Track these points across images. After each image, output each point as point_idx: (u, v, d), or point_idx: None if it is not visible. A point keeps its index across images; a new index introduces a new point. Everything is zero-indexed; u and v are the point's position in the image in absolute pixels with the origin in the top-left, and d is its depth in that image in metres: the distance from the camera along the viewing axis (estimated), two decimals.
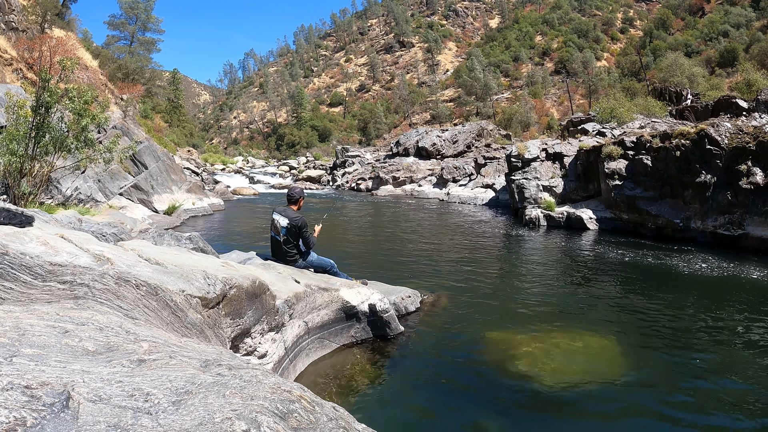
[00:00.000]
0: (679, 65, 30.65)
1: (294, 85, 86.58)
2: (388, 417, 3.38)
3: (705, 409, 3.55)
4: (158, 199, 14.04)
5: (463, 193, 21.10)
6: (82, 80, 14.16)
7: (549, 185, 14.18)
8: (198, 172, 22.86)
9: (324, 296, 4.54)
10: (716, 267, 8.31)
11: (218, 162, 38.69)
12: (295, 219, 5.00)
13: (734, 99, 15.65)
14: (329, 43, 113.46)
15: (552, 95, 56.04)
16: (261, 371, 1.59)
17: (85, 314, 1.87)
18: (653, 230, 11.47)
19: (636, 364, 4.30)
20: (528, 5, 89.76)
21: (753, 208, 9.81)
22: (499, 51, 70.96)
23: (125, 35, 40.78)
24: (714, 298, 6.63)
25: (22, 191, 7.45)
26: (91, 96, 7.86)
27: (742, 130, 10.45)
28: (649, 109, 18.81)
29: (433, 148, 27.44)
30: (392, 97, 72.41)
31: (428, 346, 4.62)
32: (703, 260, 8.81)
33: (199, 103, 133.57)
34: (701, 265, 8.46)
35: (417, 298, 5.72)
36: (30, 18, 17.45)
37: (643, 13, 77.67)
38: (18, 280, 2.06)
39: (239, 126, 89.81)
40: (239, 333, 3.16)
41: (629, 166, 12.12)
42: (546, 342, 4.66)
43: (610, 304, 6.27)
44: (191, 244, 5.98)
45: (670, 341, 4.93)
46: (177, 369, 1.41)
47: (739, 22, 50.71)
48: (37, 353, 1.31)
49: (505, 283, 7.32)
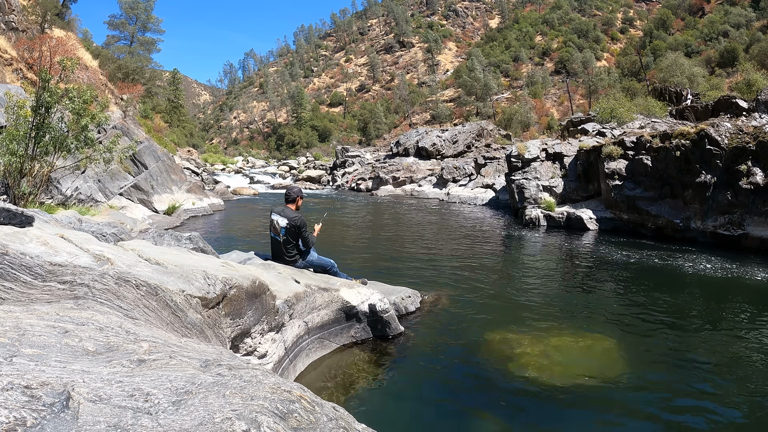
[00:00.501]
0: (679, 65, 30.65)
1: (294, 85, 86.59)
2: (388, 417, 3.38)
3: (705, 410, 3.55)
4: (158, 199, 14.04)
5: (463, 193, 21.10)
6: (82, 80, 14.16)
7: (549, 185, 14.18)
8: (198, 172, 22.87)
9: (324, 296, 4.54)
10: (716, 267, 8.31)
11: (218, 162, 38.71)
12: (294, 219, 5.00)
13: (734, 99, 15.66)
14: (329, 43, 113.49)
15: (552, 95, 56.04)
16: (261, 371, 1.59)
17: (85, 314, 1.87)
18: (653, 230, 11.47)
19: (636, 365, 4.30)
20: (528, 5, 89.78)
21: (753, 208, 9.81)
22: (499, 51, 70.99)
23: (125, 35, 40.82)
24: (714, 299, 6.63)
25: (22, 191, 7.45)
26: (91, 96, 7.85)
27: (742, 130, 10.46)
28: (649, 109, 18.83)
29: (433, 148, 27.44)
30: (392, 97, 72.42)
31: (428, 346, 4.62)
32: (703, 260, 8.81)
33: (199, 103, 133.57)
34: (701, 265, 8.46)
35: (417, 298, 5.71)
36: (30, 18, 17.45)
37: (643, 13, 77.70)
38: (18, 280, 2.06)
39: (239, 126, 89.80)
40: (239, 333, 3.16)
41: (629, 166, 12.12)
42: (546, 342, 4.66)
43: (610, 305, 6.27)
44: (191, 244, 5.98)
45: (670, 341, 4.93)
46: (177, 369, 1.41)
47: (739, 22, 50.74)
48: (37, 353, 1.31)
49: (505, 283, 7.32)
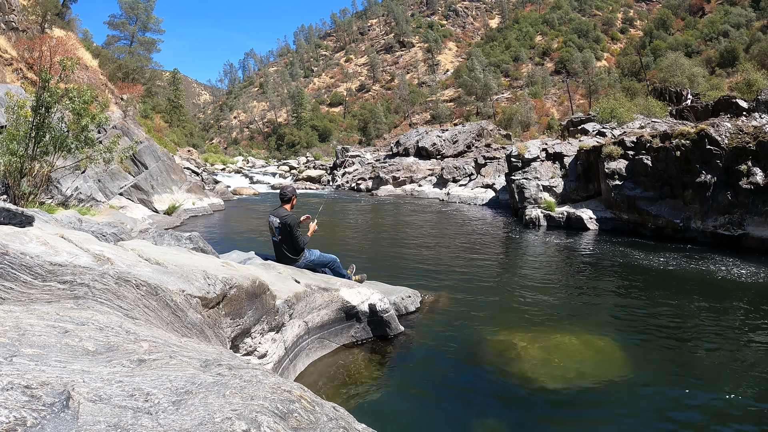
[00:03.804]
0: (680, 65, 30.64)
1: (294, 85, 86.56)
2: (389, 417, 3.38)
3: (705, 410, 3.55)
4: (158, 199, 14.04)
5: (463, 193, 21.10)
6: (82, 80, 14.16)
7: (549, 185, 14.18)
8: (198, 172, 22.84)
9: (324, 296, 4.54)
10: (716, 267, 8.30)
11: (218, 162, 38.70)
12: (285, 217, 5.03)
13: (734, 99, 15.65)
14: (329, 43, 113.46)
15: (552, 95, 56.02)
16: (261, 371, 1.59)
17: (85, 314, 1.87)
18: (653, 230, 11.47)
19: (636, 365, 4.30)
20: (528, 5, 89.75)
21: (753, 208, 9.81)
22: (499, 51, 70.97)
23: (125, 35, 40.85)
24: (714, 299, 6.63)
25: (22, 191, 7.45)
26: (91, 96, 7.86)
27: (742, 130, 10.45)
28: (649, 109, 18.83)
29: (433, 148, 27.43)
30: (392, 97, 72.38)
31: (428, 346, 4.62)
32: (704, 260, 8.80)
33: (199, 103, 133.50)
34: (701, 265, 8.45)
35: (417, 298, 5.71)
36: (30, 18, 17.45)
37: (643, 13, 77.66)
38: (18, 279, 2.06)
39: (239, 126, 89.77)
40: (239, 333, 3.16)
41: (629, 166, 12.12)
42: (546, 342, 4.66)
43: (610, 305, 6.27)
44: (191, 244, 5.98)
45: (670, 342, 4.93)
46: (177, 369, 1.41)
47: (739, 22, 50.74)
48: (37, 353, 1.31)
49: (506, 283, 7.32)
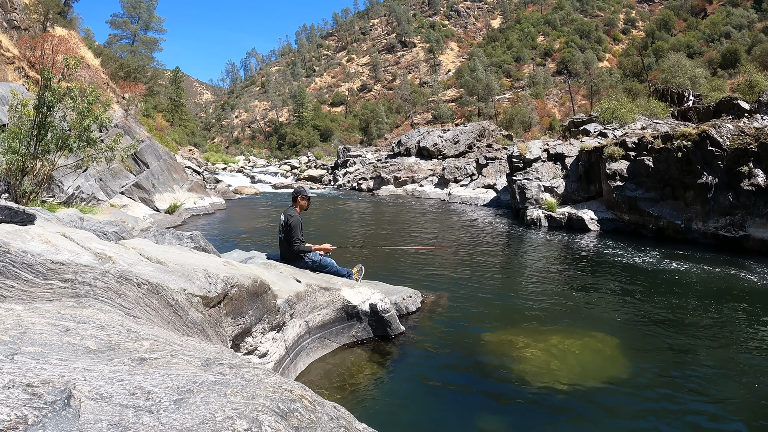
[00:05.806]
0: (681, 66, 30.59)
1: (296, 84, 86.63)
2: (389, 416, 3.38)
3: (705, 410, 3.55)
4: (160, 197, 14.06)
5: (465, 194, 21.09)
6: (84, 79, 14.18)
7: (550, 186, 14.16)
8: (199, 171, 22.85)
9: (325, 296, 4.54)
10: (717, 268, 8.29)
11: (220, 161, 38.74)
12: (289, 217, 5.01)
13: (736, 100, 15.64)
14: (331, 42, 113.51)
15: (554, 96, 56.01)
16: (262, 370, 1.59)
17: (87, 312, 1.87)
18: (654, 231, 11.45)
19: (636, 365, 4.30)
20: (530, 6, 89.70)
21: (754, 209, 9.79)
22: (501, 51, 70.95)
23: (127, 34, 40.92)
24: (715, 300, 6.62)
25: (24, 189, 7.46)
26: (94, 97, 7.87)
27: (743, 131, 10.44)
28: (650, 110, 18.81)
29: (435, 149, 27.43)
30: (394, 97, 72.39)
31: (429, 346, 4.61)
32: (704, 262, 8.79)
33: (200, 102, 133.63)
34: (702, 266, 8.44)
35: (418, 298, 5.71)
36: (32, 16, 17.49)
37: (645, 14, 77.58)
38: (19, 278, 2.06)
39: (241, 125, 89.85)
40: (240, 332, 3.16)
41: (631, 167, 12.10)
42: (547, 342, 4.65)
43: (610, 305, 6.26)
44: (192, 243, 5.98)
45: (670, 343, 4.92)
46: (178, 368, 1.41)
47: (741, 24, 50.70)
48: (39, 351, 1.31)
49: (507, 283, 7.31)
